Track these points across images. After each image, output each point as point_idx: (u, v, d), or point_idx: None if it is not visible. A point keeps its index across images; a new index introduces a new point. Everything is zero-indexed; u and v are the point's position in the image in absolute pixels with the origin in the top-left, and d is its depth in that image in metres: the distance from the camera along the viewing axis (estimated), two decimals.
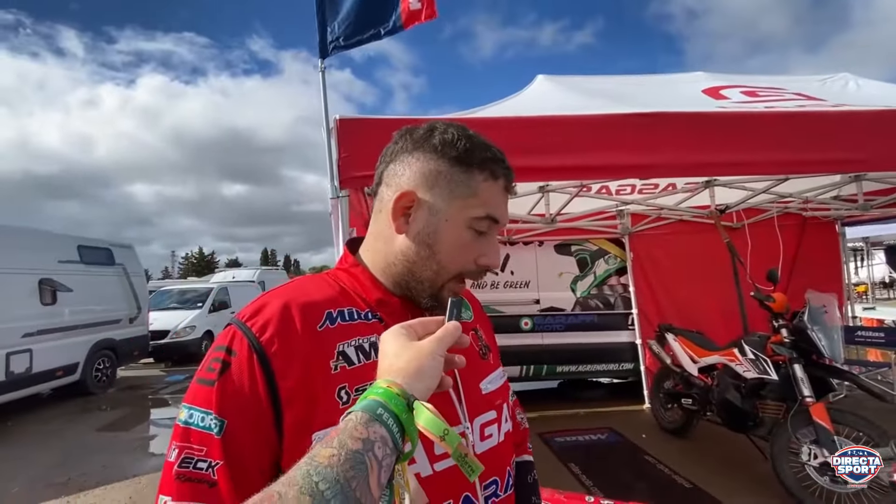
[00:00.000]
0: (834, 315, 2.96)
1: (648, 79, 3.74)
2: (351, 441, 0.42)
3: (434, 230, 0.66)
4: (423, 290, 0.68)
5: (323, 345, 0.62)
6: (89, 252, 7.14)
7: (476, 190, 0.66)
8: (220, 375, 0.59)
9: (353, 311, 0.67)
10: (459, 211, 0.66)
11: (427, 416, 0.46)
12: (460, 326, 0.55)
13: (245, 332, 0.61)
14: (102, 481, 3.84)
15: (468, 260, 0.67)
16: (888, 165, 2.42)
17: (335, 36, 1.96)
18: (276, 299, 0.64)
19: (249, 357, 0.59)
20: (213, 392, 0.58)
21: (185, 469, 0.56)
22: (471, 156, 0.66)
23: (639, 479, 3.34)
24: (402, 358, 0.50)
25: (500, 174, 0.68)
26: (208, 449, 0.56)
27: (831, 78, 3.68)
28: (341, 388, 0.60)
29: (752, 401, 3.14)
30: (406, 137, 0.69)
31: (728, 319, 4.46)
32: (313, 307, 0.64)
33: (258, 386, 0.58)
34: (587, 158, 2.20)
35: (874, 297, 13.48)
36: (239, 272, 17.66)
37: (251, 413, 0.57)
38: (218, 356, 0.60)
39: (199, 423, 0.57)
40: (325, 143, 1.86)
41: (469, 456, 0.49)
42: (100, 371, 7.18)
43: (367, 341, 0.65)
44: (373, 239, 0.72)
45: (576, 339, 5.16)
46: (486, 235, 0.68)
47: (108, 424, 5.63)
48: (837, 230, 5.23)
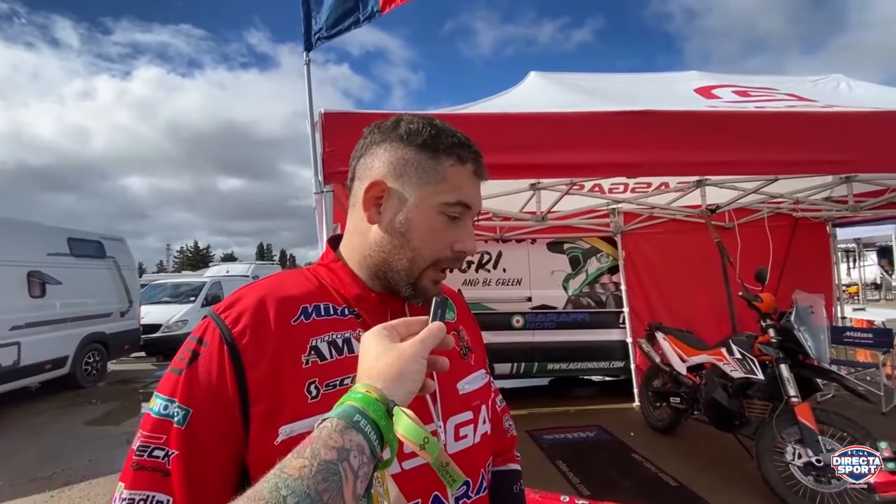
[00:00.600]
0: (821, 315, 2.97)
1: (640, 77, 3.73)
2: (324, 450, 0.40)
3: (405, 218, 0.66)
4: (401, 280, 0.68)
5: (296, 339, 0.62)
6: (79, 245, 7.07)
7: (444, 175, 0.66)
8: (189, 365, 0.59)
9: (329, 307, 0.67)
10: (429, 197, 0.65)
11: (407, 423, 0.44)
12: (444, 327, 0.54)
13: (218, 323, 0.61)
14: (88, 476, 3.81)
15: (443, 246, 0.67)
16: (878, 167, 2.42)
17: (319, 27, 1.93)
18: (253, 293, 0.65)
19: (220, 348, 0.59)
20: (180, 381, 0.58)
21: (140, 457, 0.56)
22: (437, 141, 0.66)
23: (625, 477, 3.35)
24: (382, 360, 0.49)
25: (467, 158, 0.67)
26: (167, 437, 0.56)
27: (823, 79, 3.68)
28: (311, 383, 0.60)
29: (739, 400, 3.16)
30: (374, 131, 0.70)
31: (717, 319, 4.48)
32: (289, 301, 0.64)
33: (226, 377, 0.58)
34: (578, 156, 2.19)
35: (865, 298, 13.59)
36: (233, 266, 17.58)
37: (217, 404, 0.57)
38: (189, 346, 0.61)
39: (162, 412, 0.57)
40: (310, 137, 1.83)
41: (451, 465, 0.47)
42: (90, 365, 7.12)
43: (340, 337, 0.64)
44: (349, 234, 0.73)
45: (567, 337, 5.16)
46: (460, 221, 0.67)
47: (96, 418, 5.59)
48: (828, 231, 5.25)
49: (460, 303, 0.86)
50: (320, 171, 1.82)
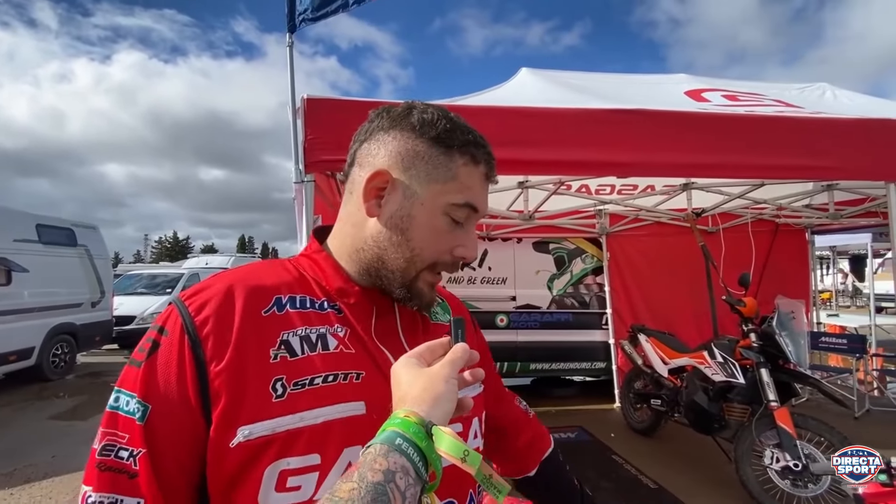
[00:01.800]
0: (801, 321, 3.00)
1: (631, 78, 3.72)
2: (371, 473, 0.41)
3: (408, 214, 0.61)
4: (395, 280, 0.63)
5: (265, 331, 0.57)
6: (49, 231, 6.78)
7: (456, 174, 0.61)
8: (148, 357, 0.55)
9: (307, 299, 0.62)
10: (437, 195, 0.61)
11: (447, 440, 0.45)
12: (468, 347, 0.54)
13: (181, 310, 0.57)
14: (51, 473, 3.65)
15: (443, 249, 0.63)
16: (861, 174, 2.44)
17: (304, 8, 1.84)
18: (222, 280, 0.60)
19: (181, 338, 0.55)
20: (140, 374, 0.54)
21: (105, 457, 0.52)
22: (451, 137, 0.61)
23: (605, 479, 3.34)
24: (416, 386, 0.49)
25: (480, 159, 0.63)
26: (131, 436, 0.52)
27: (809, 87, 3.72)
28: (277, 381, 0.55)
29: (719, 403, 3.17)
30: (382, 115, 0.64)
31: (699, 322, 4.52)
32: (261, 291, 0.60)
33: (186, 370, 0.53)
34: (567, 153, 2.15)
35: (838, 304, 14.00)
36: (213, 258, 17.21)
37: (176, 399, 0.53)
38: (150, 335, 0.57)
39: (124, 408, 0.53)
40: (291, 123, 1.74)
41: (494, 477, 0.48)
42: (57, 357, 6.85)
43: (314, 332, 0.59)
44: (342, 223, 0.67)
45: (550, 337, 5.15)
46: (464, 225, 0.63)
47: (63, 412, 5.37)
48: (807, 238, 5.35)
49: (458, 306, 0.81)
50: (301, 160, 1.73)
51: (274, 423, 0.53)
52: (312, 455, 0.53)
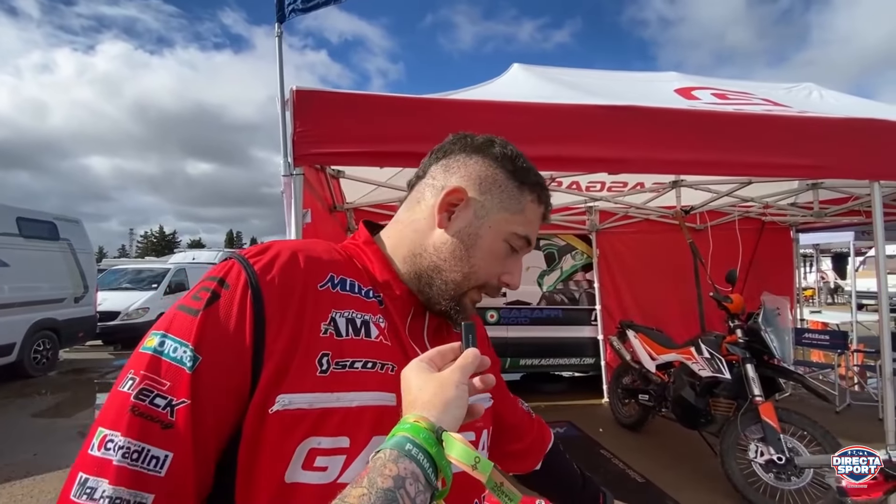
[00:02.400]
0: (786, 318, 3.05)
1: (623, 75, 3.73)
2: (381, 479, 0.41)
3: (475, 232, 0.65)
4: (446, 292, 0.66)
5: (320, 305, 0.58)
6: (30, 225, 6.63)
7: (524, 208, 0.67)
8: (208, 306, 0.53)
9: (355, 284, 0.63)
10: (504, 223, 0.66)
11: (458, 446, 0.44)
12: (478, 352, 0.54)
13: (246, 266, 0.56)
14: (33, 471, 3.57)
15: (495, 273, 0.67)
16: (846, 173, 2.48)
17: None
18: (285, 245, 0.61)
19: (244, 294, 0.54)
20: (196, 323, 0.52)
21: (141, 401, 0.49)
22: (526, 174, 0.67)
23: (593, 473, 3.33)
24: (426, 391, 0.49)
25: (544, 200, 0.69)
26: (173, 384, 0.50)
27: (796, 87, 3.77)
28: (324, 356, 0.55)
29: (706, 398, 3.22)
30: (464, 140, 0.70)
31: (687, 318, 4.57)
32: (319, 264, 0.61)
33: (245, 327, 0.53)
34: (558, 149, 2.14)
35: (823, 301, 14.30)
36: (200, 253, 16.95)
37: (231, 355, 0.52)
38: (208, 286, 0.55)
39: (171, 354, 0.51)
40: (280, 115, 1.71)
41: (505, 484, 0.47)
42: (39, 353, 6.72)
43: (360, 317, 0.60)
44: (401, 226, 0.70)
45: (540, 333, 5.18)
46: (516, 255, 0.68)
47: (45, 410, 5.27)
48: (792, 236, 5.44)
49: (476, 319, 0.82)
50: (290, 153, 1.70)
51: (312, 398, 0.53)
52: (342, 437, 0.53)
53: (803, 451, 2.65)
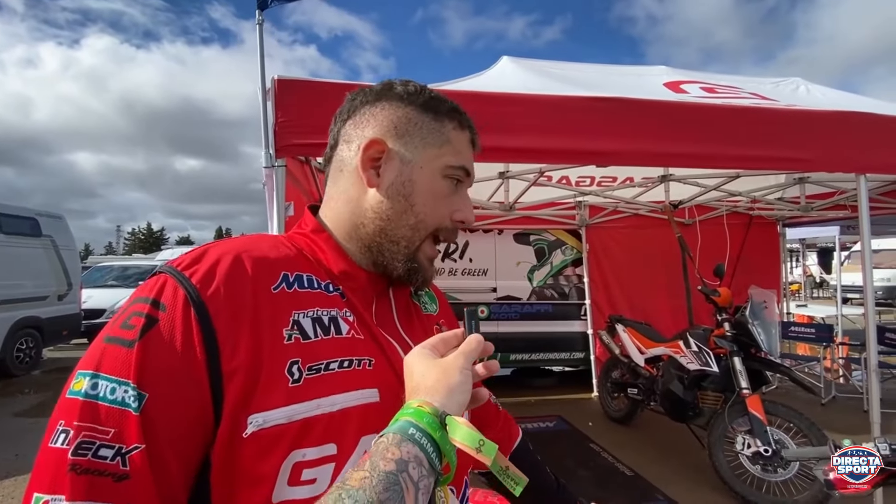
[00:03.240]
0: (773, 311, 3.07)
1: (612, 68, 3.71)
2: (383, 462, 0.40)
3: (409, 179, 0.61)
4: (398, 252, 0.61)
5: (277, 309, 0.52)
6: (10, 221, 6.47)
7: (448, 138, 0.63)
8: (144, 334, 0.46)
9: (313, 279, 0.57)
10: (433, 159, 0.62)
11: (462, 429, 0.44)
12: (482, 339, 0.53)
13: (181, 280, 0.49)
14: (14, 472, 3.50)
15: (444, 214, 0.63)
16: (833, 166, 2.49)
17: None
18: (225, 248, 0.53)
19: (185, 312, 0.47)
20: (133, 355, 0.45)
21: (81, 457, 0.42)
22: (438, 104, 0.64)
23: (583, 467, 3.38)
24: (429, 377, 0.48)
25: (465, 125, 0.65)
26: (119, 430, 0.43)
27: (783, 81, 3.78)
28: (293, 364, 0.50)
29: (694, 392, 3.23)
30: (364, 92, 0.65)
31: (675, 312, 4.59)
32: (268, 264, 0.54)
33: (195, 351, 0.46)
34: (546, 141, 2.12)
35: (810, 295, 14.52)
36: (188, 250, 16.74)
37: (183, 385, 0.46)
38: (140, 310, 0.47)
39: (109, 397, 0.44)
40: (261, 105, 1.67)
41: (511, 468, 0.47)
42: (22, 351, 6.58)
43: (326, 314, 0.55)
44: (333, 202, 0.64)
45: (530, 328, 5.18)
46: (459, 190, 0.65)
47: (27, 409, 5.16)
48: (779, 231, 5.49)
49: (440, 295, 0.81)
50: (271, 144, 1.66)
51: (290, 410, 0.48)
52: (328, 445, 0.50)
53: (790, 443, 2.67)
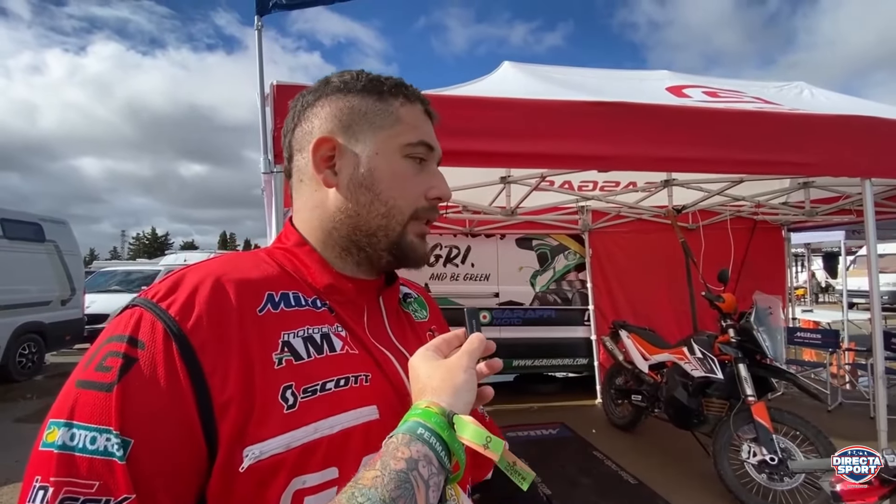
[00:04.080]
0: (778, 317, 3.04)
1: (614, 73, 3.71)
2: (394, 462, 0.40)
3: (368, 168, 0.58)
4: (379, 244, 0.59)
5: (265, 333, 0.50)
6: (14, 226, 6.50)
7: (398, 116, 0.59)
8: (122, 375, 0.43)
9: (300, 297, 0.55)
10: (388, 141, 0.58)
11: (469, 427, 0.45)
12: (484, 338, 0.53)
13: (159, 314, 0.46)
14: (13, 478, 3.49)
15: (417, 194, 0.59)
16: (838, 170, 2.47)
17: None
18: (203, 273, 0.51)
19: (166, 348, 0.44)
20: (112, 400, 0.42)
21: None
22: (378, 84, 0.60)
23: (586, 475, 3.34)
24: (434, 378, 0.48)
25: (414, 97, 0.62)
26: (104, 482, 0.40)
27: (787, 85, 3.76)
28: (286, 388, 0.48)
29: (699, 399, 3.19)
30: (303, 95, 0.63)
31: (679, 318, 4.55)
32: (251, 286, 0.52)
33: (181, 388, 0.44)
34: (549, 146, 2.11)
35: (816, 300, 14.41)
36: (192, 255, 16.81)
37: (172, 425, 0.43)
38: (116, 349, 0.44)
39: (89, 447, 0.41)
40: (259, 111, 1.66)
41: (518, 464, 0.48)
42: (24, 357, 6.59)
43: (318, 332, 0.53)
44: (303, 212, 0.61)
45: (533, 334, 5.15)
46: (426, 166, 0.61)
47: (29, 415, 5.16)
48: (783, 235, 5.45)
49: (430, 302, 0.78)
50: (270, 150, 1.65)
51: (288, 438, 0.46)
52: (330, 469, 0.48)
53: (796, 452, 2.63)
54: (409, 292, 0.74)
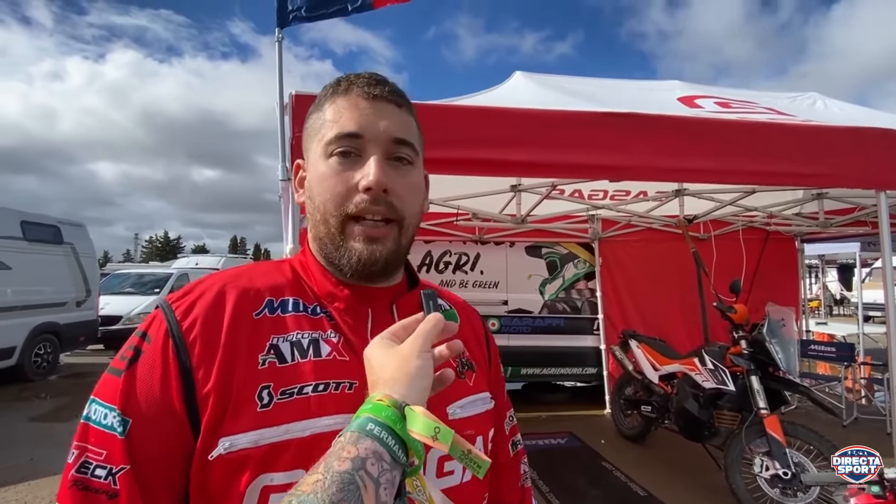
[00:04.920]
0: (791, 329, 3.00)
1: (625, 83, 3.72)
2: (338, 462, 0.39)
3: (309, 179, 0.61)
4: (330, 250, 0.59)
5: (255, 335, 0.54)
6: (34, 229, 6.67)
7: (325, 117, 0.59)
8: (130, 365, 0.51)
9: (299, 303, 0.59)
10: (317, 147, 0.60)
11: (419, 419, 0.42)
12: (441, 317, 0.51)
13: (167, 314, 0.54)
14: (29, 476, 3.55)
15: (342, 191, 0.56)
16: (852, 182, 2.45)
17: (297, 6, 1.80)
18: (214, 280, 0.58)
19: (164, 344, 0.52)
20: (120, 384, 0.50)
21: (81, 475, 0.48)
22: (323, 93, 0.62)
23: (594, 486, 3.31)
24: (387, 368, 0.47)
25: (347, 87, 0.59)
26: (109, 452, 0.48)
27: (800, 96, 3.75)
28: (264, 389, 0.51)
29: (710, 410, 3.16)
30: None
31: (690, 328, 4.51)
32: (253, 292, 0.57)
33: (171, 378, 0.50)
34: (561, 156, 2.13)
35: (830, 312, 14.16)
36: (203, 258, 17.02)
37: (161, 410, 0.49)
38: (132, 342, 0.53)
39: (101, 421, 0.49)
40: (278, 119, 1.71)
41: (473, 452, 0.44)
42: (40, 356, 6.72)
43: (307, 337, 0.56)
44: None
45: (542, 342, 5.13)
46: (360, 158, 0.57)
47: (43, 414, 5.25)
48: (797, 246, 5.39)
49: (469, 315, 0.75)
50: (288, 157, 1.69)
51: (257, 435, 0.49)
52: (298, 471, 0.49)
53: (809, 466, 2.59)
54: (441, 303, 0.71)
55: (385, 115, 0.58)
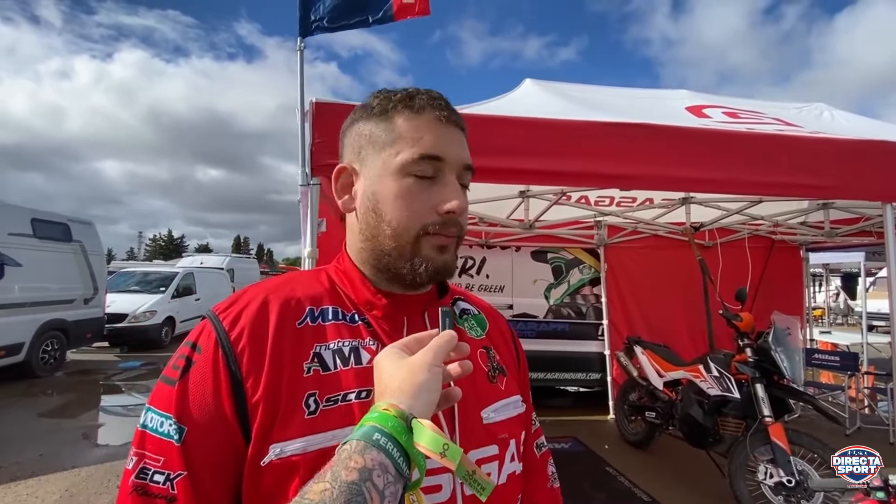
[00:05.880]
0: (797, 337, 3.02)
1: (633, 92, 3.76)
2: (345, 472, 0.39)
3: (371, 191, 0.60)
4: (397, 262, 0.60)
5: (299, 344, 0.56)
6: (44, 226, 6.73)
7: (399, 133, 0.59)
8: (182, 375, 0.54)
9: (339, 311, 0.61)
10: (388, 160, 0.59)
11: (426, 433, 0.42)
12: (455, 335, 0.51)
13: (216, 325, 0.56)
14: (38, 472, 3.59)
15: (423, 211, 0.58)
16: (858, 194, 2.48)
17: (319, 16, 1.85)
18: (257, 291, 0.60)
19: (215, 354, 0.54)
20: (174, 393, 0.53)
21: (141, 480, 0.50)
22: (387, 102, 0.61)
23: (598, 491, 3.33)
24: (396, 378, 0.47)
25: (420, 105, 0.60)
26: (166, 459, 0.50)
27: (807, 107, 3.77)
28: (310, 396, 0.53)
29: (714, 417, 3.18)
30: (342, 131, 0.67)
31: (695, 335, 4.53)
32: (294, 302, 0.59)
33: (222, 387, 0.52)
34: (570, 164, 2.17)
35: (834, 321, 14.12)
36: (207, 258, 17.11)
37: (214, 418, 0.52)
38: (184, 352, 0.56)
39: (158, 429, 0.52)
40: (299, 126, 1.75)
41: (477, 473, 0.44)
42: (47, 353, 6.77)
43: (347, 345, 0.58)
44: (347, 235, 0.68)
45: (546, 347, 5.15)
46: (438, 179, 0.59)
47: (51, 410, 5.30)
48: (802, 255, 5.40)
49: (495, 319, 0.77)
50: (308, 163, 1.74)
51: (305, 442, 0.51)
52: None
53: (813, 474, 2.60)
54: (469, 308, 0.74)
55: (457, 140, 0.61)
